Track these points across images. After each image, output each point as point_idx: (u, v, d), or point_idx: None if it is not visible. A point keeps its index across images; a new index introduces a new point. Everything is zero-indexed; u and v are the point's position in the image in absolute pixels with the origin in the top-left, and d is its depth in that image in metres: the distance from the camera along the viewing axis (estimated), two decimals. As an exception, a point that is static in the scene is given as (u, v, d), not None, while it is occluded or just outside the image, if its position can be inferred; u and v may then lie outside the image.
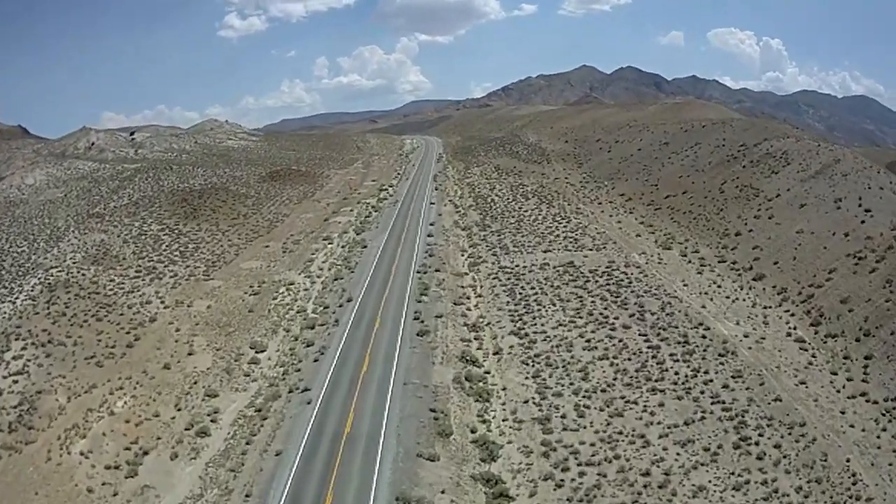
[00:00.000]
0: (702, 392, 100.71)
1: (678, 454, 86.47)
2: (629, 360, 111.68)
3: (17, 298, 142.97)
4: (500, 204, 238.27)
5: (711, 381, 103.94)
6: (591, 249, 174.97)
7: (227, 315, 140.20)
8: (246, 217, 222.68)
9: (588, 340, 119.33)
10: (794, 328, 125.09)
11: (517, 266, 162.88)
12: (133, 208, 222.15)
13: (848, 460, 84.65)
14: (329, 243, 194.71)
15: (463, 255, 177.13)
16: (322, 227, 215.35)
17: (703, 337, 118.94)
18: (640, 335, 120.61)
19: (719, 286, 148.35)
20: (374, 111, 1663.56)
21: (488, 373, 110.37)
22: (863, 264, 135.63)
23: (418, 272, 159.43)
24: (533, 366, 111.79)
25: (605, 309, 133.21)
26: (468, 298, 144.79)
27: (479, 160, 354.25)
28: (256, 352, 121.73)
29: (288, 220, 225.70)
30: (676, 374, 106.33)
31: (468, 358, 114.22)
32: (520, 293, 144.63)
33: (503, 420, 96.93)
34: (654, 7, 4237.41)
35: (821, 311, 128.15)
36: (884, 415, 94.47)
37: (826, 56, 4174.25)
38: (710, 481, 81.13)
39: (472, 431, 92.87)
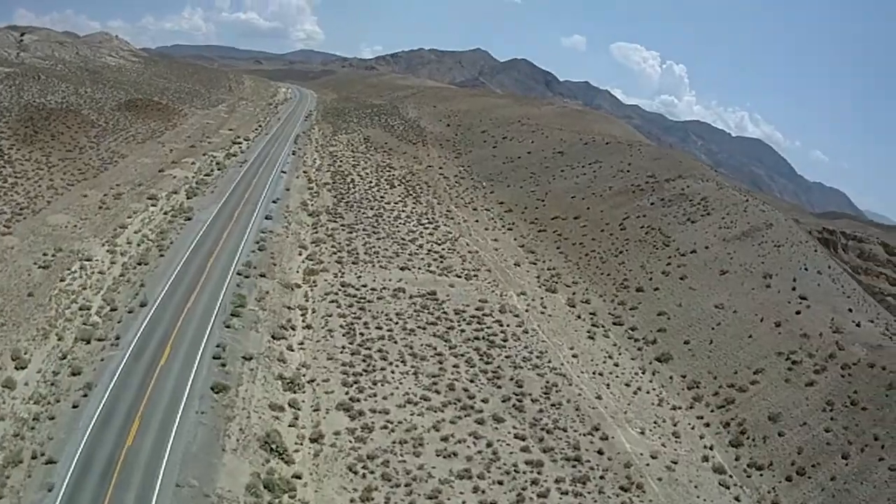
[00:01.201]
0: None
1: None
2: (500, 483, 79.66)
3: None
4: (360, 187, 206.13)
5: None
6: (459, 275, 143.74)
7: (2, 294, 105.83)
8: (82, 151, 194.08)
9: (445, 439, 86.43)
10: (712, 448, 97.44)
11: (365, 287, 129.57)
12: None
13: None
14: (153, 205, 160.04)
15: (300, 255, 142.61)
16: (153, 180, 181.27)
17: (600, 452, 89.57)
18: (516, 437, 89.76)
19: (616, 364, 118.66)
20: (264, 52, 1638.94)
21: (299, 477, 74.62)
22: (797, 371, 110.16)
23: (239, 273, 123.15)
24: (363, 476, 76.88)
25: (473, 381, 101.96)
26: (293, 329, 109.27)
27: (349, 126, 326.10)
28: (16, 366, 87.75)
29: (122, 164, 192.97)
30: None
31: (274, 445, 77.41)
32: (362, 333, 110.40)
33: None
34: (564, 7, 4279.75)
35: (743, 426, 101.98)
36: None
37: (729, 93, 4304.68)
38: None
39: None
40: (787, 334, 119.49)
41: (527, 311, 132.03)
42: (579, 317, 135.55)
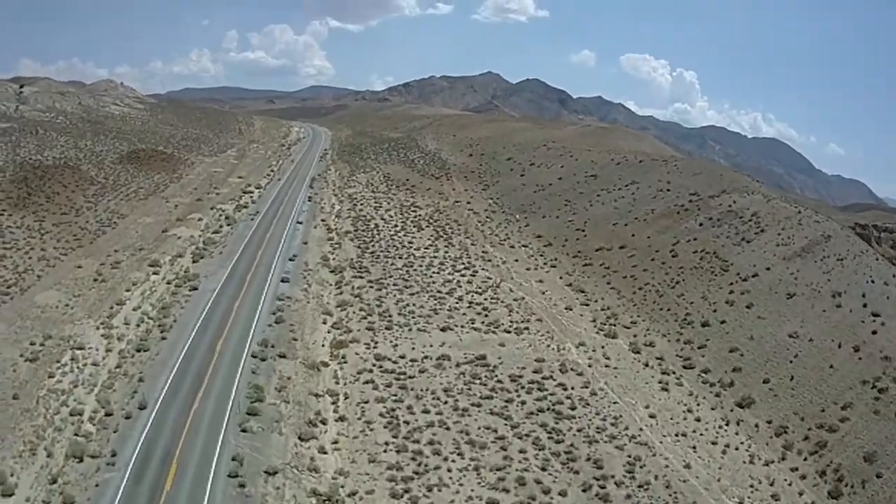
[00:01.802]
0: None
1: None
2: None
3: None
4: (385, 232, 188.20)
5: None
6: (508, 330, 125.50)
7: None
8: (78, 213, 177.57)
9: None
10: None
11: (403, 358, 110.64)
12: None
13: None
14: (155, 273, 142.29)
15: (325, 324, 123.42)
16: (156, 243, 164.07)
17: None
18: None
19: (698, 418, 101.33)
20: (274, 91, 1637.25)
21: None
22: (885, 400, 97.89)
23: (255, 356, 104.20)
24: None
25: (545, 469, 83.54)
26: (323, 424, 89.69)
27: (367, 164, 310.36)
28: (2, 493, 71.06)
29: (122, 225, 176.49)
30: None
31: None
32: (406, 422, 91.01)
33: None
34: (570, 24, 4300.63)
35: (839, 473, 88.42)
36: None
37: (741, 95, 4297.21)
38: None
39: None
40: (867, 359, 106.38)
41: (590, 365, 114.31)
42: (647, 364, 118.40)
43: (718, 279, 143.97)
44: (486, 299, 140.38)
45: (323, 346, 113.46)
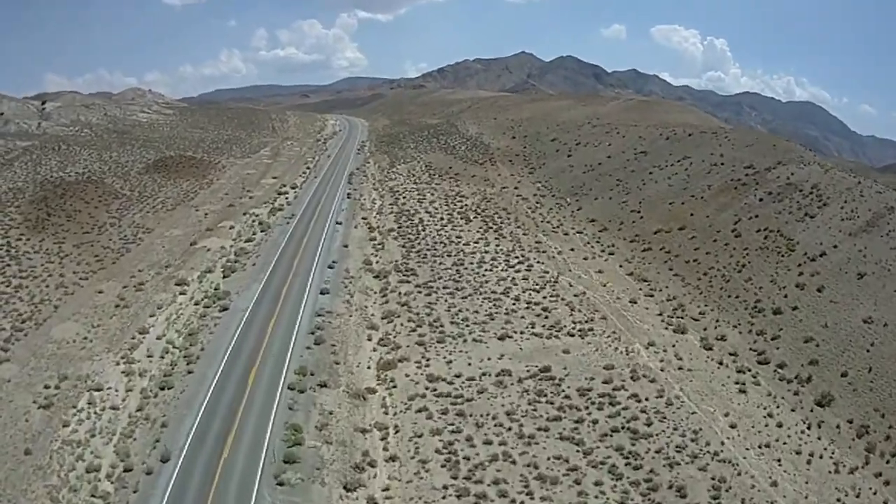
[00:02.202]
0: None
1: None
2: None
3: None
4: (430, 228, 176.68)
5: None
6: (572, 333, 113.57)
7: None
8: (101, 231, 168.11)
9: None
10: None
11: (459, 377, 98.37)
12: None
13: None
14: (182, 293, 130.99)
15: (370, 340, 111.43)
16: (183, 258, 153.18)
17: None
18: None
19: (779, 423, 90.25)
20: (308, 85, 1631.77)
21: None
22: None
23: (291, 387, 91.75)
24: None
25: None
26: (372, 467, 77.57)
27: (407, 154, 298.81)
28: None
29: (147, 241, 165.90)
30: None
31: None
32: (467, 458, 78.86)
33: None
34: None
35: None
36: None
37: (772, 59, 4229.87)
38: None
39: None
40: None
41: (662, 369, 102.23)
42: (721, 363, 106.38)
43: (786, 260, 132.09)
44: (544, 297, 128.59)
45: (369, 367, 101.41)
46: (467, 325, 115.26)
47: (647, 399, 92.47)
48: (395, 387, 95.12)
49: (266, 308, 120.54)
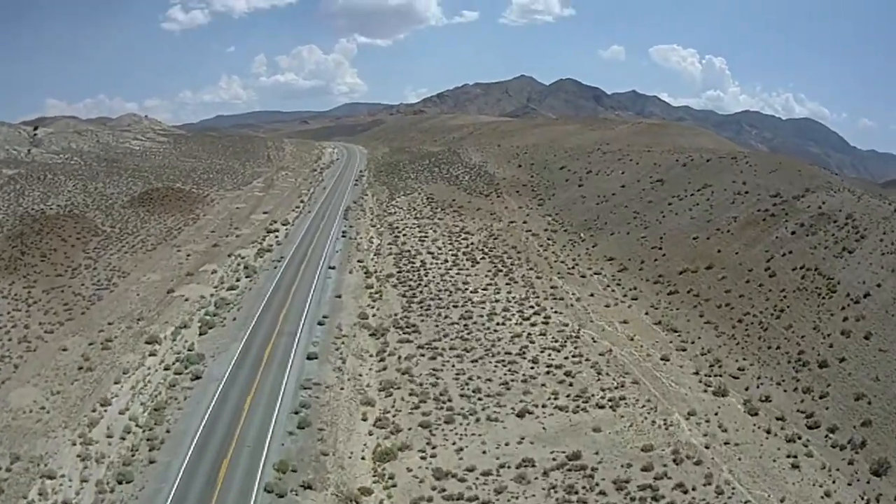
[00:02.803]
0: None
1: None
2: None
3: None
4: (434, 272, 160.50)
5: None
6: (601, 405, 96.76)
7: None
8: (74, 273, 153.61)
9: None
10: None
11: (472, 471, 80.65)
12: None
13: None
14: (152, 353, 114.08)
15: (366, 421, 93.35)
16: (158, 308, 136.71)
17: None
18: None
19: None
20: (308, 111, 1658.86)
21: None
22: None
23: (269, 489, 73.92)
24: None
25: None
26: None
27: (407, 185, 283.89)
28: None
29: (122, 286, 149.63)
30: None
31: None
32: None
33: None
34: (597, 20, 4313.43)
35: None
36: None
37: (770, 77, 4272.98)
38: None
39: None
40: None
41: (707, 446, 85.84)
42: (769, 431, 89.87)
43: (828, 302, 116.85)
44: (566, 358, 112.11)
45: (363, 458, 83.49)
46: (479, 399, 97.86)
47: (694, 489, 76.41)
48: (394, 486, 77.42)
49: (244, 377, 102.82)
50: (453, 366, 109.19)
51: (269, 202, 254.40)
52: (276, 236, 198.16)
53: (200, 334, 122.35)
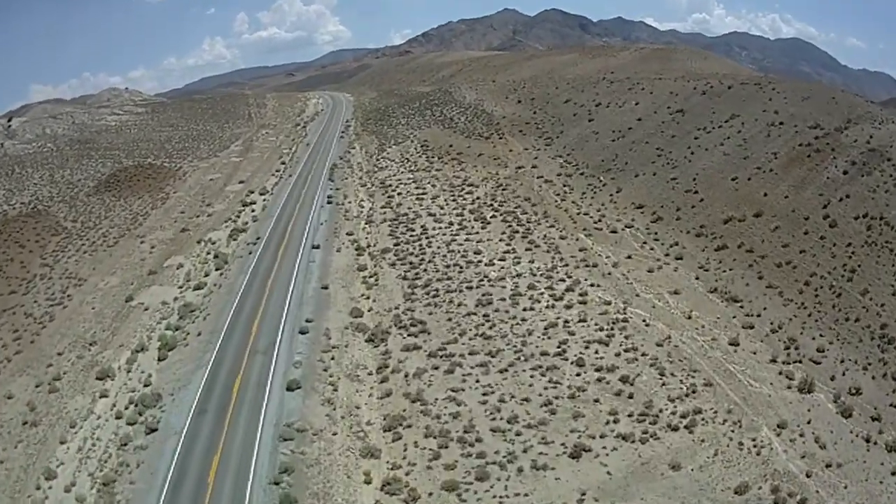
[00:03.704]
0: None
1: None
2: None
3: None
4: (438, 241, 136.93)
5: None
6: (674, 426, 74.29)
7: None
8: (29, 287, 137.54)
9: None
10: None
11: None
12: None
13: None
14: (104, 393, 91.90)
15: (369, 484, 68.23)
16: (113, 326, 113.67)
17: None
18: None
19: None
20: (294, 63, 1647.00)
21: None
22: None
23: None
24: None
25: None
26: None
27: (398, 132, 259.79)
28: None
29: (76, 299, 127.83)
30: None
31: None
32: None
33: None
34: None
35: None
36: None
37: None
38: None
39: None
40: None
41: (808, 474, 65.84)
42: (868, 440, 70.25)
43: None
44: (617, 354, 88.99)
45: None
46: (518, 434, 73.13)
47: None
48: None
49: (209, 427, 77.30)
50: (477, 381, 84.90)
51: (247, 168, 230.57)
52: (253, 210, 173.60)
53: (159, 359, 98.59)
